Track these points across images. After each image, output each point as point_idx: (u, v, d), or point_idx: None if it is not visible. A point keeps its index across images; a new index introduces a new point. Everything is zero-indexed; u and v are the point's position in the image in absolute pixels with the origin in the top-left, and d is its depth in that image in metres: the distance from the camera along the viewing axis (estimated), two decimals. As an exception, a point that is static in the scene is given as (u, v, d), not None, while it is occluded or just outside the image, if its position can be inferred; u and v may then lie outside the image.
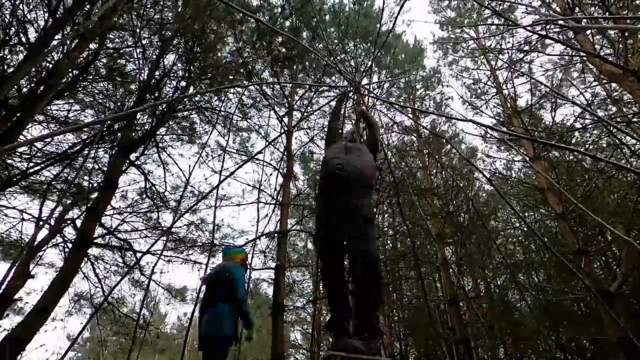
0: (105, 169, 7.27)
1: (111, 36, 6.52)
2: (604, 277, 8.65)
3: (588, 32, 6.14)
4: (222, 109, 8.52)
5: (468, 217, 10.19)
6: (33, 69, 5.16)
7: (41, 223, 6.30)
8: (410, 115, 9.67)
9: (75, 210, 7.37)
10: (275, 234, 8.29)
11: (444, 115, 11.54)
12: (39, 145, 6.52)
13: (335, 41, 8.73)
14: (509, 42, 8.56)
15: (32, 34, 5.27)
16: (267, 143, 7.63)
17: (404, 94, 11.45)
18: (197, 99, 7.89)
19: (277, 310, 7.29)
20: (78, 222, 6.92)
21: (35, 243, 6.30)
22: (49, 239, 6.78)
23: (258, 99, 9.15)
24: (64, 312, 8.02)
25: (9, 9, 4.97)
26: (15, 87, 5.11)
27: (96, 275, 7.39)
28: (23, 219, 6.69)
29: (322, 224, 2.47)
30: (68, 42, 4.78)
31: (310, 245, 12.07)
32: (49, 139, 6.50)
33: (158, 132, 7.75)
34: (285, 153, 8.98)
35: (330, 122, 3.37)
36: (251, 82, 8.12)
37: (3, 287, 5.26)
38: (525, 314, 10.89)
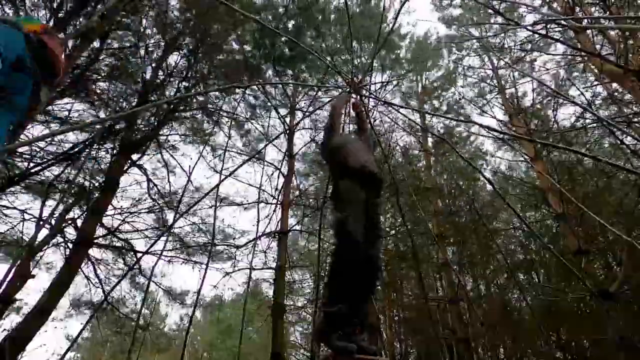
0: (106, 169, 7.26)
1: (114, 36, 6.52)
2: (604, 277, 8.65)
3: (589, 31, 6.15)
4: (225, 108, 8.53)
5: (470, 217, 10.19)
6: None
7: (42, 223, 6.28)
8: (410, 117, 9.67)
9: (76, 211, 7.36)
10: (276, 234, 8.29)
11: (444, 116, 11.55)
12: (40, 145, 6.51)
13: (339, 39, 8.72)
14: (512, 42, 8.57)
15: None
16: (267, 142, 7.64)
17: (413, 94, 11.49)
18: (200, 99, 7.90)
19: (277, 310, 7.30)
20: (79, 222, 6.91)
21: (36, 243, 6.28)
22: (49, 239, 6.77)
23: (261, 99, 9.16)
24: (64, 312, 8.01)
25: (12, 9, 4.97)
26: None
27: (97, 275, 7.38)
28: (24, 219, 6.67)
29: (355, 218, 2.48)
30: (70, 41, 4.77)
31: (311, 246, 12.05)
32: (49, 139, 6.49)
33: (160, 132, 7.75)
34: (287, 153, 8.98)
35: (333, 116, 3.28)
36: (254, 82, 8.12)
37: (3, 287, 5.25)
38: (525, 314, 10.89)
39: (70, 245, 6.78)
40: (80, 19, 5.15)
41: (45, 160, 6.61)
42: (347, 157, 2.74)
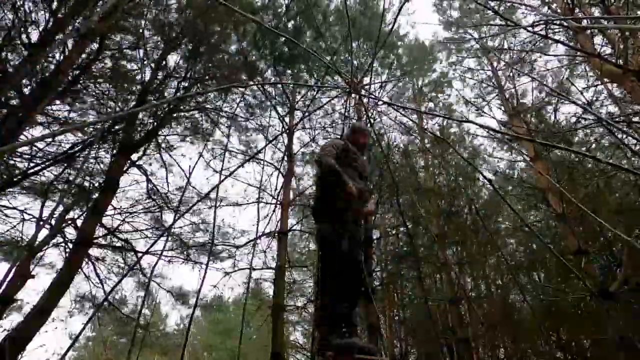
0: (106, 169, 7.26)
1: (113, 36, 6.52)
2: (604, 277, 8.65)
3: (588, 32, 6.14)
4: (225, 108, 8.54)
5: (470, 217, 10.19)
6: (34, 69, 5.16)
7: (42, 223, 6.29)
8: (412, 117, 9.67)
9: (76, 211, 7.36)
10: (276, 234, 8.29)
11: (443, 116, 11.55)
12: (39, 145, 6.51)
13: (339, 39, 8.72)
14: (511, 43, 8.58)
15: (34, 34, 5.26)
16: (267, 142, 7.64)
17: (411, 94, 11.47)
18: (199, 99, 7.89)
19: (277, 310, 7.30)
20: (79, 222, 6.91)
21: (36, 243, 6.28)
22: (49, 239, 6.77)
23: (260, 99, 9.16)
24: (64, 312, 8.01)
25: (10, 9, 4.96)
26: (16, 87, 5.11)
27: (97, 275, 7.38)
28: (24, 219, 6.67)
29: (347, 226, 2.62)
30: (69, 42, 4.78)
31: (311, 246, 12.05)
32: (49, 139, 6.49)
33: (160, 132, 7.75)
34: (286, 153, 8.98)
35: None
36: (253, 81, 8.12)
37: (3, 287, 5.25)
38: (525, 314, 10.89)
39: (70, 245, 6.78)
40: (80, 20, 5.15)
41: (45, 160, 6.61)
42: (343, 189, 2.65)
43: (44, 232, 6.58)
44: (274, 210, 8.52)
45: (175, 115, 7.78)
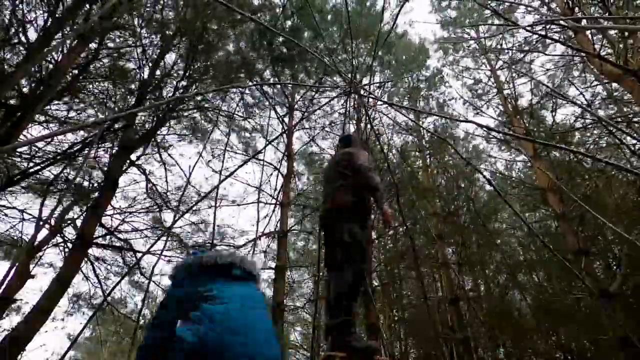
0: (105, 168, 7.26)
1: (111, 36, 6.52)
2: (604, 277, 8.65)
3: (588, 32, 6.14)
4: (223, 108, 8.54)
5: (469, 217, 10.19)
6: (33, 69, 5.16)
7: (41, 223, 6.28)
8: (411, 117, 9.66)
9: (76, 210, 7.36)
10: (276, 234, 8.29)
11: (443, 116, 11.52)
12: (39, 145, 6.50)
13: (337, 40, 8.72)
14: (509, 42, 8.58)
15: (32, 34, 5.26)
16: (266, 143, 7.63)
17: (407, 93, 11.42)
18: (198, 98, 7.89)
19: (277, 310, 7.30)
20: (78, 222, 6.91)
21: (36, 243, 6.27)
22: (49, 239, 6.77)
23: (259, 99, 9.16)
24: (63, 312, 8.01)
25: (8, 9, 4.96)
26: (15, 87, 5.11)
27: (96, 275, 7.37)
28: (23, 219, 6.67)
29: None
30: (68, 42, 4.78)
31: (310, 246, 12.05)
32: (49, 139, 6.49)
33: (159, 132, 7.75)
34: (286, 153, 8.98)
35: None
36: (252, 81, 8.12)
37: (3, 287, 5.25)
38: (525, 313, 10.89)
39: (70, 245, 6.78)
40: (78, 20, 5.15)
41: (44, 160, 6.61)
42: None
43: (43, 232, 6.58)
44: (273, 211, 8.52)
45: (174, 114, 7.79)
